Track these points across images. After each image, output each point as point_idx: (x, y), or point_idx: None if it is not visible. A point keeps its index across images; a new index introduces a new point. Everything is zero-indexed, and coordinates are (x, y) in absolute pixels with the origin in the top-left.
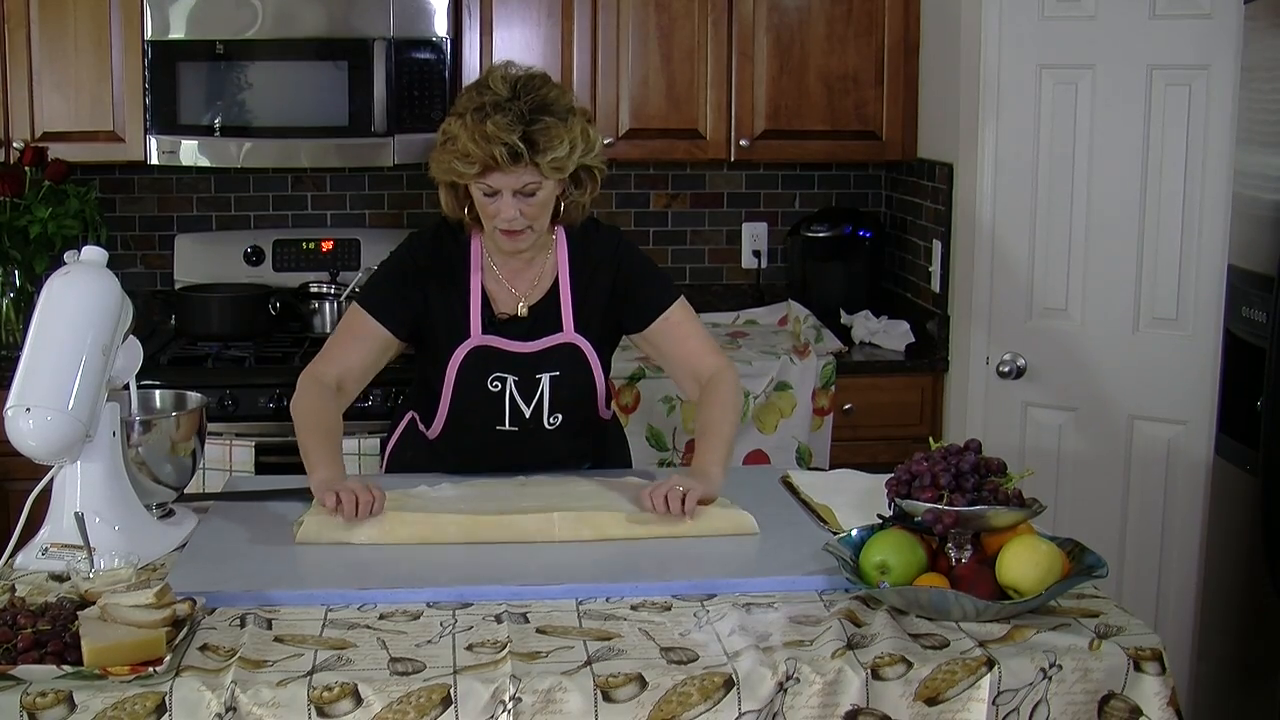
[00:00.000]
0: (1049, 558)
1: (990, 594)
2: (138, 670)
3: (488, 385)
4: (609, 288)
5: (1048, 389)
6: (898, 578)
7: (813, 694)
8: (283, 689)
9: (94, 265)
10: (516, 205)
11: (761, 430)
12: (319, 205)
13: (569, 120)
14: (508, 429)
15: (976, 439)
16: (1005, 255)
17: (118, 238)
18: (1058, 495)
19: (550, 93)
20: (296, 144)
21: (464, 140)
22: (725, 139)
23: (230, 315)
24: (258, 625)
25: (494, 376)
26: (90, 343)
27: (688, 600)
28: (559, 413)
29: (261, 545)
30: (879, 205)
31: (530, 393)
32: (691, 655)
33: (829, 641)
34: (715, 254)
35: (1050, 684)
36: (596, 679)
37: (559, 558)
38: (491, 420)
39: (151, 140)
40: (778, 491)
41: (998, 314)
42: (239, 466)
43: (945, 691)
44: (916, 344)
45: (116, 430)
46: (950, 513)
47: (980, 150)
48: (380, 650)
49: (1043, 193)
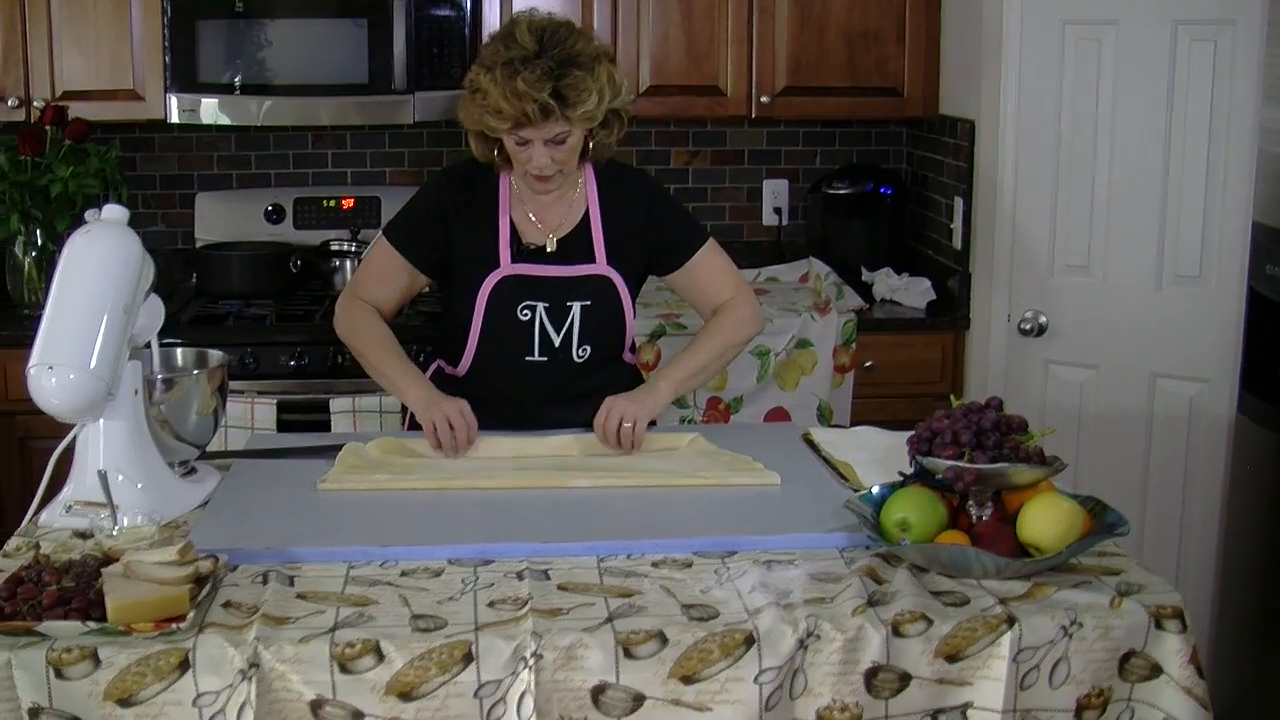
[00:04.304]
0: (1070, 515)
1: (1011, 551)
2: (161, 627)
3: (517, 314)
4: (641, 225)
5: (1069, 346)
6: (918, 535)
7: (833, 651)
8: (305, 645)
9: (115, 224)
10: (548, 153)
11: (782, 387)
12: (339, 163)
13: (596, 70)
14: (536, 359)
15: (998, 396)
16: (1027, 212)
17: (138, 196)
18: (1079, 453)
19: (576, 43)
20: (316, 102)
21: (495, 97)
22: (746, 95)
23: (251, 273)
24: (280, 582)
25: (524, 305)
26: (112, 301)
27: (709, 557)
28: (588, 344)
29: (283, 503)
30: (900, 162)
31: (560, 321)
32: (712, 612)
33: (850, 599)
34: (736, 211)
35: (1071, 642)
36: (617, 635)
37: (580, 515)
38: (520, 351)
39: (171, 98)
40: (799, 449)
41: (1019, 271)
42: (260, 424)
43: (965, 649)
44: (937, 301)
45: (139, 388)
46: (971, 470)
47: (1002, 106)
48: (402, 607)
49: (1065, 149)
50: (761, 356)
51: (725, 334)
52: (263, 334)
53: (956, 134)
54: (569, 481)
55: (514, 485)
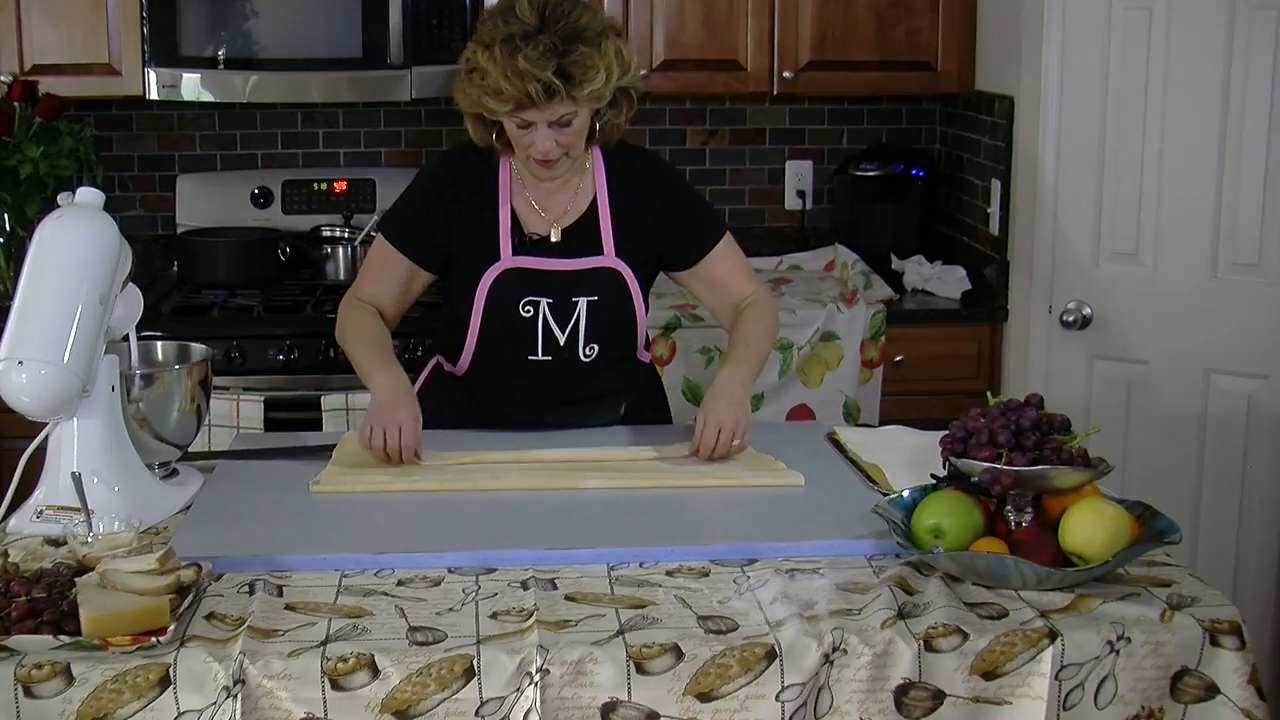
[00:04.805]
0: (1116, 522)
1: (1052, 560)
2: (139, 640)
3: (519, 310)
4: (653, 216)
5: (1116, 340)
6: (952, 542)
7: (861, 666)
8: (294, 660)
9: (90, 208)
10: (551, 136)
11: (806, 384)
12: (331, 143)
13: (603, 45)
14: (540, 358)
15: (1038, 393)
16: (1070, 195)
17: (115, 178)
18: (1126, 454)
19: (581, 17)
20: (306, 77)
21: (494, 76)
22: (767, 71)
23: (237, 261)
24: (267, 592)
25: (526, 301)
26: (86, 291)
27: (727, 565)
28: (596, 342)
29: (271, 507)
30: (933, 142)
31: (565, 317)
32: (731, 624)
33: (878, 610)
34: (756, 194)
35: (1118, 658)
36: (629, 649)
37: (589, 520)
38: (523, 350)
39: (150, 73)
40: (824, 449)
41: (1062, 259)
42: (247, 423)
43: (1004, 665)
44: (973, 291)
45: (115, 384)
46: (1009, 473)
47: (1044, 82)
48: (398, 619)
49: (1112, 127)
50: (784, 350)
51: (770, 327)
52: (249, 326)
53: (994, 111)
54: (578, 483)
55: (519, 487)
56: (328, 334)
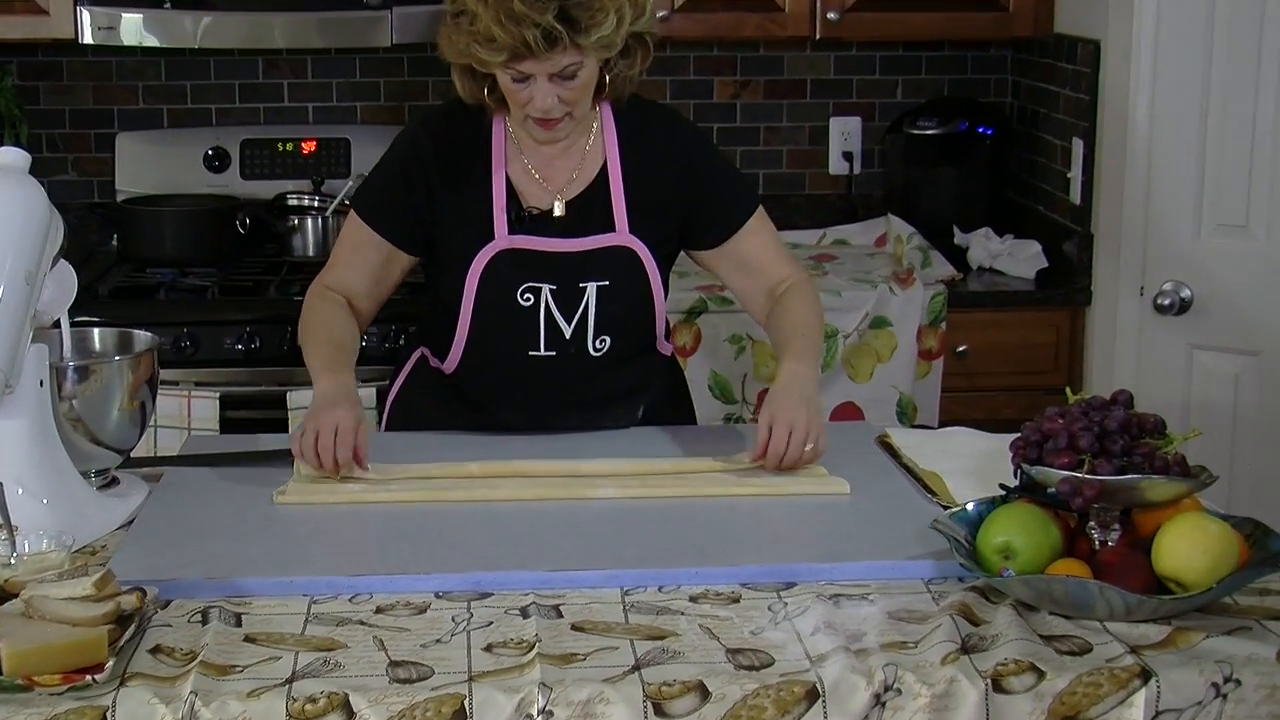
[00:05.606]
0: (1220, 542)
1: (1144, 586)
2: (72, 680)
3: (518, 299)
4: (673, 185)
5: (1220, 327)
6: (1025, 564)
7: (918, 709)
8: (255, 700)
9: (13, 171)
10: (553, 91)
11: (853, 378)
12: (298, 96)
13: None
14: (543, 354)
15: (1127, 390)
16: (1167, 157)
17: (42, 136)
18: (1233, 462)
19: None
20: (268, 18)
21: (485, 20)
22: (808, 11)
23: (187, 234)
24: (224, 621)
25: (525, 288)
26: (9, 269)
27: (761, 590)
28: (607, 334)
29: (228, 522)
30: (1003, 95)
31: (572, 306)
32: (766, 659)
33: (938, 643)
34: (795, 157)
35: (1225, 704)
36: (647, 688)
37: (601, 535)
38: (523, 344)
39: (83, 12)
40: (874, 454)
41: (1156, 232)
42: (199, 423)
43: (1087, 709)
44: (1050, 270)
45: (45, 379)
46: (1093, 483)
47: (1136, 24)
48: (377, 652)
49: (1217, 77)
50: (828, 339)
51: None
52: (202, 310)
53: (1076, 59)
54: (588, 492)
55: (518, 497)
56: (293, 319)
